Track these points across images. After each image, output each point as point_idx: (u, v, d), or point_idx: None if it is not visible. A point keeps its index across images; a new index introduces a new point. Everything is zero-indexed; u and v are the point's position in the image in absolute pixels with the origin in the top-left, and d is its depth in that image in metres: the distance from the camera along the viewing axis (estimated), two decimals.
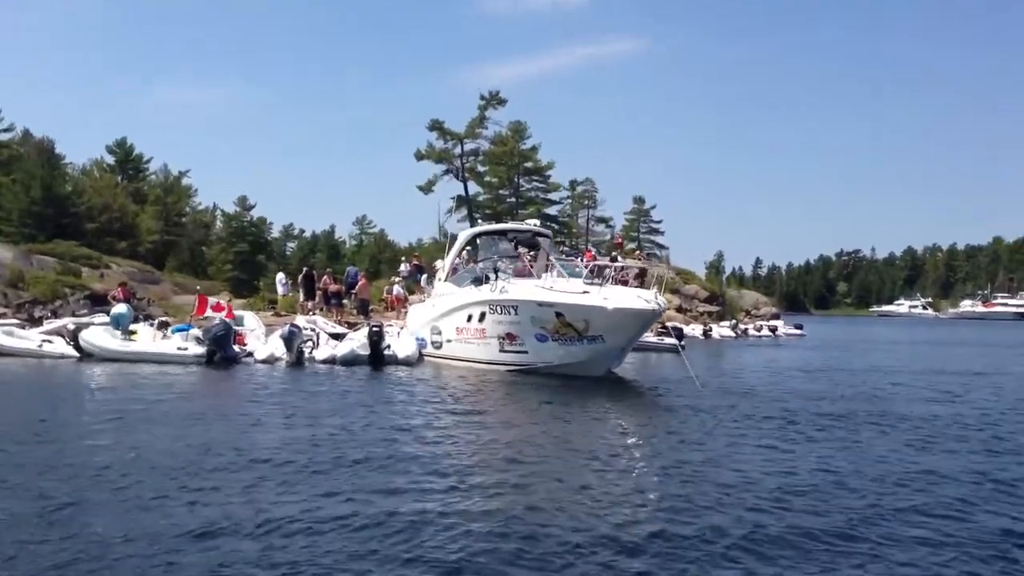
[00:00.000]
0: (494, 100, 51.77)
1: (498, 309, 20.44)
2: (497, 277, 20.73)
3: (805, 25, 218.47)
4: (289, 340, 22.09)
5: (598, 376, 19.22)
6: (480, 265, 22.71)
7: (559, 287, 19.41)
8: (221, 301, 22.56)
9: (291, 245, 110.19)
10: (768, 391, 17.95)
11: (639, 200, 79.23)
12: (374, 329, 22.28)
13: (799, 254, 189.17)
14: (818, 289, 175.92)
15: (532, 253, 23.35)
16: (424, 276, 34.41)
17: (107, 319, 24.20)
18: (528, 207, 53.86)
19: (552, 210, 57.01)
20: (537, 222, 23.84)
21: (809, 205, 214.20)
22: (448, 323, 22.63)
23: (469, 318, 21.53)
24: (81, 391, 16.47)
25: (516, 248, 22.76)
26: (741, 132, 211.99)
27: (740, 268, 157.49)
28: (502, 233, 24.28)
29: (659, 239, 77.37)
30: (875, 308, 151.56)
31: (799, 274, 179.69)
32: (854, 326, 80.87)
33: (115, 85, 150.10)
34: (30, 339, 23.18)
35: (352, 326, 27.87)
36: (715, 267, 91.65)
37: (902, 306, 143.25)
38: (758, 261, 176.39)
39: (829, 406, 15.57)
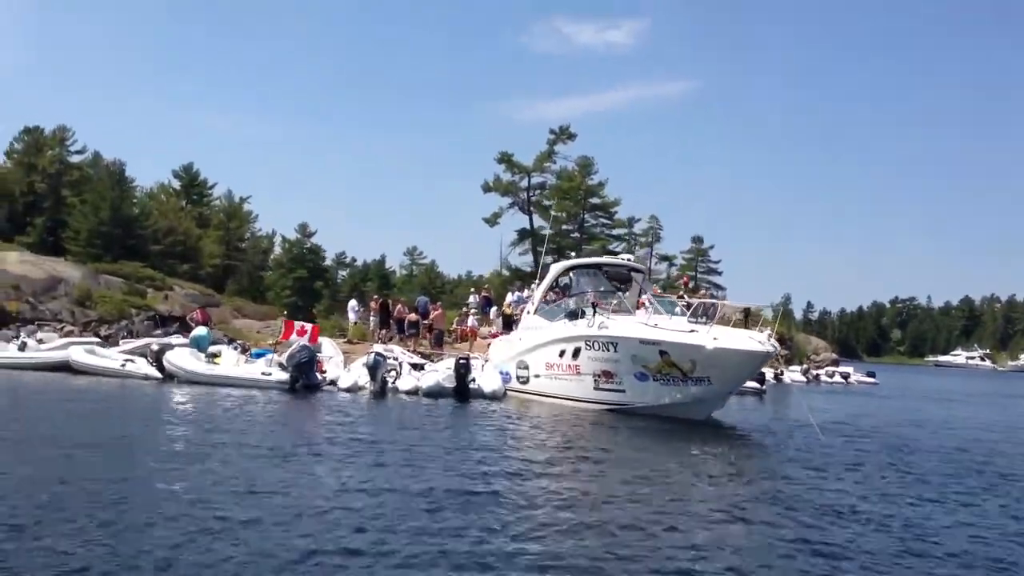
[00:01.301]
0: (564, 135, 51.52)
1: (595, 345, 19.71)
2: (595, 312, 20.02)
3: (858, 65, 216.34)
4: (374, 369, 21.58)
5: (699, 420, 18.38)
6: (575, 299, 21.99)
7: (664, 325, 18.67)
8: (306, 326, 22.11)
9: (343, 273, 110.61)
10: (901, 443, 16.97)
11: (697, 240, 78.31)
12: (461, 362, 21.70)
13: (851, 300, 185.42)
14: (871, 336, 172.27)
15: (623, 287, 22.69)
16: (493, 308, 33.86)
17: (186, 340, 24.04)
18: (592, 243, 53.26)
19: (617, 247, 56.34)
20: (632, 257, 23.18)
21: (863, 250, 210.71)
22: (537, 358, 21.93)
23: (562, 353, 20.82)
24: (184, 416, 16.03)
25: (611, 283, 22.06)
26: (794, 174, 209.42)
27: (792, 312, 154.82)
28: (596, 267, 23.62)
29: (717, 279, 76.24)
30: (931, 358, 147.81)
31: (852, 320, 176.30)
32: (917, 375, 78.50)
33: (182, 111, 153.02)
34: (112, 358, 22.99)
35: (427, 357, 27.34)
36: (783, 309, 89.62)
37: (959, 356, 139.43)
38: (809, 305, 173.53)
39: (983, 462, 14.69)
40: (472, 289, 40.88)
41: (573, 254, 54.71)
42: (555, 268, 24.18)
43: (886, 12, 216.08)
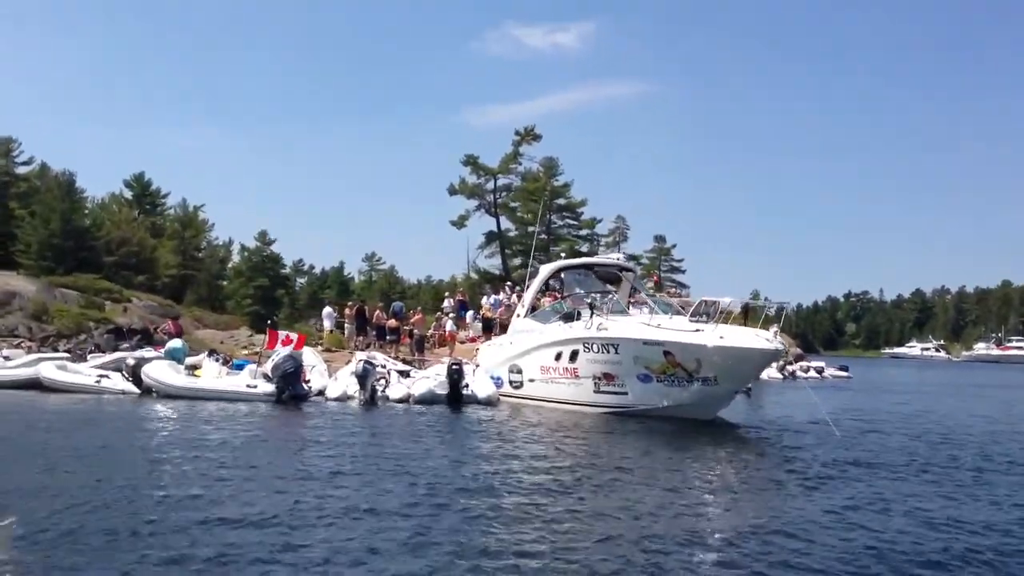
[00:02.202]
0: (529, 135, 51.04)
1: (594, 347, 19.20)
2: (593, 313, 19.52)
3: (807, 67, 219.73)
4: (363, 378, 20.86)
5: (705, 420, 17.98)
6: (570, 300, 21.45)
7: (666, 324, 18.24)
8: (291, 335, 21.27)
9: (301, 281, 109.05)
10: (917, 437, 16.80)
11: (660, 239, 78.55)
12: (454, 367, 21.04)
13: (806, 295, 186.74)
14: (826, 330, 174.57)
15: (613, 288, 22.25)
16: (469, 312, 33.23)
17: (160, 353, 23.08)
18: (559, 244, 52.90)
19: (583, 247, 55.96)
20: (622, 256, 22.74)
21: (815, 246, 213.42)
22: (531, 361, 21.36)
23: (558, 356, 20.27)
24: (179, 437, 15.13)
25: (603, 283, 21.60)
26: (749, 172, 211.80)
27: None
28: (587, 267, 23.13)
29: (681, 277, 76.46)
30: (886, 350, 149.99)
31: (808, 315, 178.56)
32: (879, 367, 79.41)
33: (132, 125, 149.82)
34: (86, 374, 21.94)
35: (408, 363, 26.64)
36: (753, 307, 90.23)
37: (914, 348, 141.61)
38: (767, 300, 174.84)
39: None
40: (446, 293, 40.15)
41: (542, 255, 54.67)
42: (545, 269, 23.62)
43: (833, 10, 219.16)
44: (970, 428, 19.33)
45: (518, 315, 23.53)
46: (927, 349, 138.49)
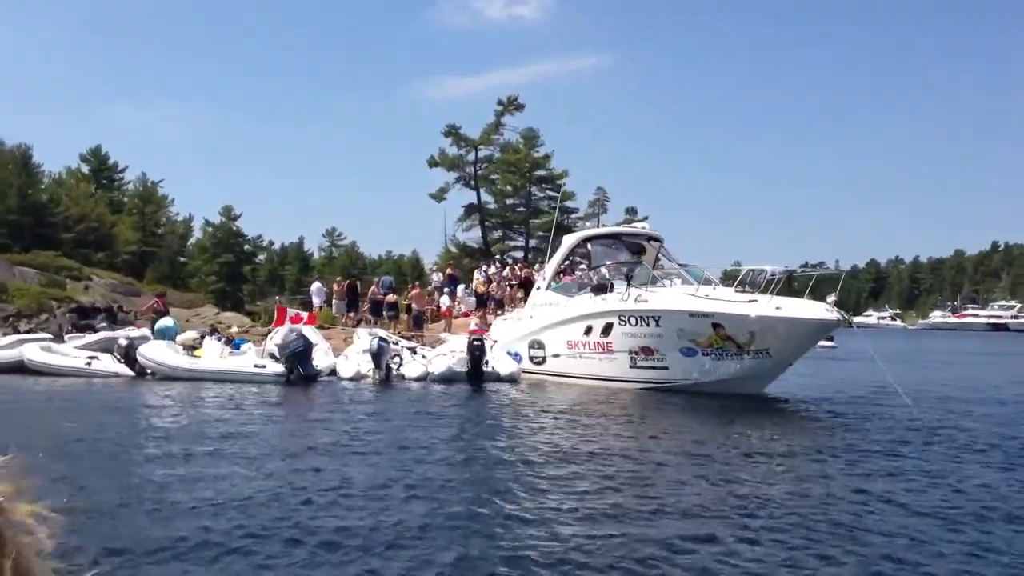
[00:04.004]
0: (511, 105, 49.44)
1: (631, 320, 18.13)
2: (629, 284, 18.44)
3: (764, 41, 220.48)
4: (378, 355, 19.59)
5: (754, 394, 17.07)
6: (603, 271, 20.28)
7: (713, 295, 17.24)
8: (301, 312, 19.87)
9: (260, 257, 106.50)
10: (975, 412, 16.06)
11: (631, 211, 77.55)
12: (475, 343, 19.82)
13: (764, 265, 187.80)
14: None
15: (636, 258, 21.19)
16: (460, 287, 32.02)
17: (143, 333, 21.58)
18: (540, 216, 51.77)
19: (564, 220, 54.76)
20: (647, 224, 21.65)
21: (771, 217, 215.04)
22: (555, 336, 20.23)
23: (588, 330, 19.16)
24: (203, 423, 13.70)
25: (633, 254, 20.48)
26: (703, 146, 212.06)
27: None
28: (615, 236, 21.97)
29: None
30: None
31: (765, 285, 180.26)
32: (843, 337, 79.67)
33: (87, 98, 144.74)
34: (74, 356, 20.28)
35: (407, 339, 25.37)
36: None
37: (871, 317, 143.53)
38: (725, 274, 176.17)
39: None
40: (435, 267, 38.82)
41: (523, 227, 53.44)
42: (569, 240, 22.36)
43: None
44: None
45: (538, 287, 22.33)
46: (883, 318, 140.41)
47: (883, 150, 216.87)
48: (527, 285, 31.93)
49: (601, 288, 19.40)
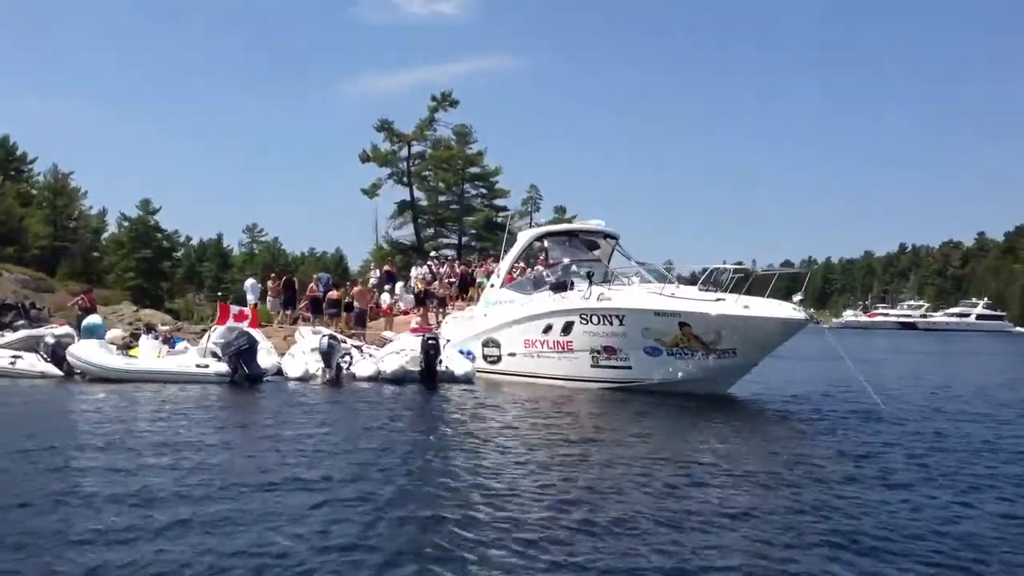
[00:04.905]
0: (445, 101, 48.61)
1: (592, 319, 17.74)
2: (591, 282, 18.06)
3: (681, 39, 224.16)
4: (328, 354, 18.80)
5: (719, 395, 16.90)
6: (561, 269, 19.84)
7: (679, 294, 16.97)
8: (245, 309, 18.89)
9: (177, 254, 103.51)
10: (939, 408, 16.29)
11: (560, 209, 77.70)
12: (430, 342, 19.15)
13: (682, 267, 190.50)
14: None
15: (593, 254, 20.90)
16: (399, 284, 31.26)
17: (65, 330, 20.28)
18: (473, 214, 51.18)
19: (497, 218, 54.24)
20: (603, 222, 21.28)
21: (694, 217, 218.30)
22: (511, 335, 19.73)
23: (547, 329, 18.71)
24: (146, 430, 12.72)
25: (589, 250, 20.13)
26: (623, 146, 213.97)
27: None
28: (572, 233, 21.54)
29: None
30: None
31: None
32: None
33: None
34: None
35: (350, 338, 24.53)
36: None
37: None
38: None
39: None
40: (372, 264, 37.88)
41: (455, 225, 52.77)
42: (524, 236, 21.85)
43: None
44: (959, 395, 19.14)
45: (492, 285, 21.76)
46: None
47: (798, 155, 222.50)
48: (464, 283, 31.46)
49: (561, 286, 18.98)
